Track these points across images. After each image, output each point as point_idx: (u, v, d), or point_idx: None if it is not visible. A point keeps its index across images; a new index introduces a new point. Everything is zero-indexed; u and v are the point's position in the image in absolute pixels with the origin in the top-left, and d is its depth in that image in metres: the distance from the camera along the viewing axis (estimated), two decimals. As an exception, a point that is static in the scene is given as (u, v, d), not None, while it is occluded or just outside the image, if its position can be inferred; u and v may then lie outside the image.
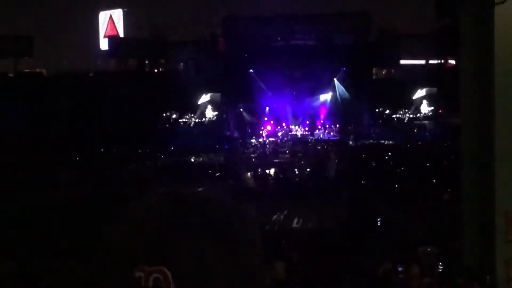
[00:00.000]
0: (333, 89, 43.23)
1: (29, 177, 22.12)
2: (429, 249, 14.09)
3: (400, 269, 7.01)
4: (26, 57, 42.70)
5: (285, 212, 20.34)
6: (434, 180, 24.75)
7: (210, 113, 43.09)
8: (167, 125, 41.98)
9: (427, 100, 42.15)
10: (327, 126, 42.18)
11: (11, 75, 41.86)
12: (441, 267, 5.77)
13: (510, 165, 4.60)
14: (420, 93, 42.48)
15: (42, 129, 33.10)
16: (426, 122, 41.92)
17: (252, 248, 0.97)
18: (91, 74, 43.26)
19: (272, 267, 11.85)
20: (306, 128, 42.22)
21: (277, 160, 32.62)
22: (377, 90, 41.65)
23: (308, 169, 29.65)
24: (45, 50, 43.45)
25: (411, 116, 42.62)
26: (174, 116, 42.64)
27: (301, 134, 41.61)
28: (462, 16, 4.91)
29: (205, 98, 43.05)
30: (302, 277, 11.56)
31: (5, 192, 18.99)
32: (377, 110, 42.57)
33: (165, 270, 0.87)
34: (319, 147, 35.91)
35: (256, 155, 33.90)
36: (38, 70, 43.14)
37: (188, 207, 0.94)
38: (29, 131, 32.63)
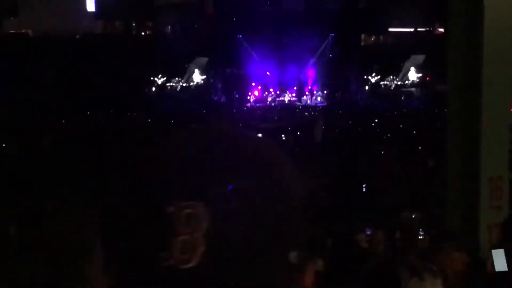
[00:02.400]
0: (321, 55, 43.09)
1: (11, 142, 21.93)
2: (413, 215, 14.26)
3: (368, 233, 7.11)
4: (10, 17, 42.07)
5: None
6: (419, 147, 24.93)
7: (197, 77, 42.87)
8: (153, 89, 41.78)
9: (415, 67, 42.18)
10: (315, 92, 42.15)
11: (-5, 35, 41.33)
12: (422, 233, 5.85)
13: (495, 131, 4.64)
14: (408, 60, 42.48)
15: (27, 92, 32.83)
16: (413, 89, 42.02)
17: (293, 190, 0.92)
18: (77, 36, 42.79)
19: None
20: (294, 95, 42.18)
21: (264, 125, 32.63)
22: (365, 57, 41.62)
23: (294, 135, 29.72)
24: (30, 11, 42.73)
25: (398, 83, 42.68)
26: (161, 80, 42.38)
27: (288, 100, 41.60)
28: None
29: (192, 62, 42.79)
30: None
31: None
32: (364, 77, 42.57)
33: (199, 205, 0.84)
34: (306, 113, 35.96)
35: (243, 120, 33.87)
36: (23, 31, 42.59)
37: (226, 141, 0.90)
38: (13, 93, 32.36)
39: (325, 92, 41.98)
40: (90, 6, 46.17)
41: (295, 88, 42.28)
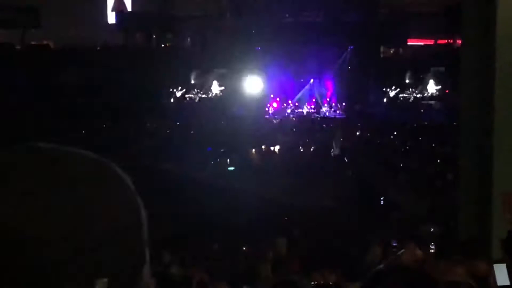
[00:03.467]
0: (340, 67, 43.03)
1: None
2: (432, 229, 14.17)
3: (395, 244, 7.06)
4: (33, 28, 42.64)
5: (288, 189, 20.42)
6: (439, 160, 24.76)
7: (216, 89, 43.04)
8: (172, 100, 42.02)
9: (434, 80, 41.97)
10: (333, 104, 42.05)
11: (18, 47, 41.87)
12: (436, 245, 5.80)
13: (508, 144, 4.62)
14: (428, 72, 42.29)
15: (49, 102, 33.19)
16: (432, 102, 41.78)
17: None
18: (98, 48, 43.25)
19: (274, 243, 11.94)
20: (312, 106, 42.10)
21: (282, 137, 32.61)
22: (384, 69, 41.51)
23: (313, 147, 29.68)
24: (52, 22, 43.27)
25: (418, 95, 42.48)
26: (180, 92, 42.60)
27: (307, 112, 41.52)
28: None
29: (211, 73, 42.98)
30: (302, 253, 11.66)
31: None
32: (383, 89, 42.43)
33: None
34: (324, 125, 35.89)
35: (260, 132, 33.88)
36: (45, 42, 43.13)
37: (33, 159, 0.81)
38: (35, 104, 32.73)
39: (343, 104, 41.87)
40: (111, 18, 46.69)
41: (313, 100, 42.22)
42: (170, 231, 13.14)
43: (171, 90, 42.26)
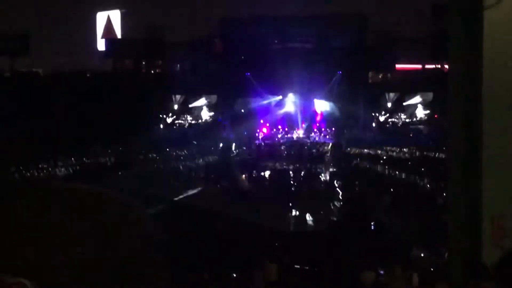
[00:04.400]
0: (329, 92, 43.24)
1: (23, 176, 22.08)
2: (422, 254, 14.15)
3: (381, 272, 7.04)
4: (22, 56, 42.62)
5: (278, 215, 20.36)
6: (428, 185, 24.83)
7: (205, 114, 43.10)
8: (162, 126, 42.01)
9: (423, 104, 42.23)
10: (323, 129, 42.16)
11: (7, 74, 41.82)
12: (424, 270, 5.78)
13: (497, 169, 4.63)
14: (416, 97, 42.55)
15: (38, 129, 33.07)
16: (421, 126, 41.99)
17: (140, 253, 0.81)
18: (88, 74, 43.26)
19: (264, 269, 11.86)
20: (302, 131, 42.21)
21: (272, 163, 32.64)
22: (373, 94, 41.77)
23: (303, 172, 29.71)
24: (42, 49, 43.38)
25: (406, 120, 42.69)
26: (170, 118, 42.60)
27: (297, 137, 41.58)
28: (451, 19, 4.95)
29: (201, 99, 43.09)
30: (293, 279, 11.59)
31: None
32: (373, 114, 42.63)
33: (25, 281, 0.72)
34: (314, 150, 35.97)
35: (251, 157, 33.92)
36: (34, 70, 43.11)
37: (60, 202, 0.79)
38: (25, 131, 32.60)
39: (333, 128, 41.99)
40: (101, 45, 46.81)
41: (303, 125, 42.33)
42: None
43: (160, 116, 42.27)
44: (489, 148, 4.80)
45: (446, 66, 39.50)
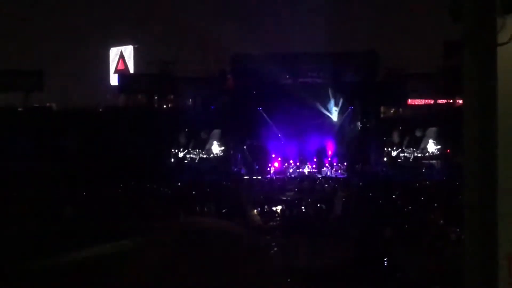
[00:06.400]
0: (341, 127, 43.28)
1: (33, 213, 22.05)
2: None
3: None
4: (35, 91, 43.06)
5: (290, 250, 20.17)
6: (442, 221, 24.56)
7: (216, 149, 43.16)
8: (173, 160, 42.11)
9: (435, 139, 42.11)
10: (335, 164, 42.09)
11: (20, 109, 42.22)
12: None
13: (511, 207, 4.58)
14: (427, 132, 42.46)
15: (50, 164, 33.23)
16: (434, 161, 41.80)
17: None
18: (100, 109, 43.61)
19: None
20: (314, 166, 42.15)
21: (284, 197, 32.50)
22: (385, 129, 41.74)
23: (315, 207, 29.51)
24: (56, 85, 43.84)
25: (418, 155, 42.53)
26: (181, 153, 42.70)
27: (308, 172, 41.52)
28: (465, 55, 4.94)
29: (212, 134, 43.21)
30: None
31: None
32: (384, 148, 42.53)
33: None
34: (326, 185, 35.79)
35: (263, 191, 33.77)
36: (47, 104, 43.51)
37: (206, 239, 0.87)
38: (37, 166, 32.76)
39: (345, 163, 41.91)
40: (113, 80, 47.28)
41: (315, 159, 42.29)
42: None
43: (172, 150, 42.40)
44: (504, 186, 4.73)
45: (458, 101, 39.51)
